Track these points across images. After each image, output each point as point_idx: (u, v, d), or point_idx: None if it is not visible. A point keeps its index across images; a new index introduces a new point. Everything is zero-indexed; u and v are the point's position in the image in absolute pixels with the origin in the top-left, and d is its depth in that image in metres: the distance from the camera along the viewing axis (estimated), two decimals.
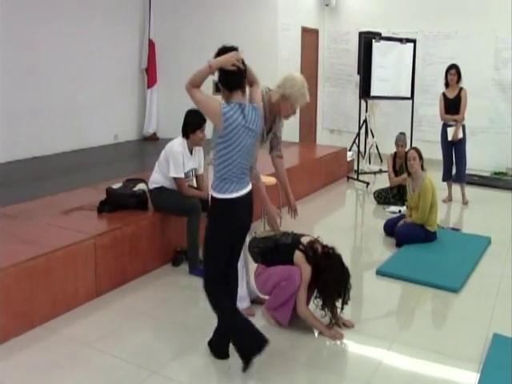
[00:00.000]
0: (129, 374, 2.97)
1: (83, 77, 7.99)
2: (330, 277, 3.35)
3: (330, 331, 3.43)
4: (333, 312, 3.50)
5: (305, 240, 3.54)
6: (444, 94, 6.75)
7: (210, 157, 3.68)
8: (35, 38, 7.23)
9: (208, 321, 3.39)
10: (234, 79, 2.78)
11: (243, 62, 2.80)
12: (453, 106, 6.65)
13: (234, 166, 2.81)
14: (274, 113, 3.54)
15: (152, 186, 4.51)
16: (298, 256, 3.46)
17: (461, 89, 6.66)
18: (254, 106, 2.90)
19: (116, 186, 4.62)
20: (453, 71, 6.60)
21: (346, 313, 3.62)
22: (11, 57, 6.88)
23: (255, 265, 3.69)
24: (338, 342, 3.36)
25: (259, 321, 3.59)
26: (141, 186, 4.61)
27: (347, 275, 3.43)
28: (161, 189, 4.46)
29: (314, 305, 3.50)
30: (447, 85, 6.72)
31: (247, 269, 3.84)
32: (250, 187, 2.96)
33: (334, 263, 3.41)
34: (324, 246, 3.50)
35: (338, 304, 3.44)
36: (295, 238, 3.56)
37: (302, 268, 3.41)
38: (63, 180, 6.05)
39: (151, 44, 9.13)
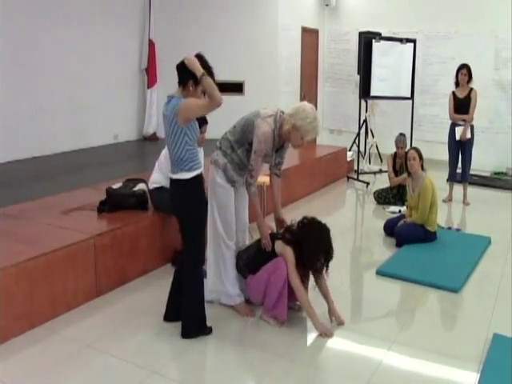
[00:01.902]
0: (129, 374, 2.97)
1: (83, 77, 7.99)
2: (311, 239, 3.40)
3: (321, 326, 3.41)
4: (317, 275, 3.52)
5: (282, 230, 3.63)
6: (454, 93, 6.71)
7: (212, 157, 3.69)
8: (35, 39, 7.22)
9: (208, 320, 3.39)
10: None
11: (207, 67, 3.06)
12: (462, 105, 6.61)
13: (167, 150, 3.25)
14: (283, 139, 3.55)
15: (152, 185, 4.51)
16: (278, 244, 3.52)
17: (471, 89, 6.63)
18: (178, 98, 3.08)
19: (116, 186, 4.62)
20: (464, 71, 6.56)
21: (346, 313, 3.62)
22: (11, 57, 6.88)
23: None
24: (339, 342, 3.36)
25: (259, 320, 3.60)
26: (141, 186, 4.61)
27: (326, 230, 3.47)
28: (161, 189, 4.44)
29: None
30: (457, 84, 6.68)
31: None
32: (172, 177, 3.22)
33: (309, 228, 3.46)
34: (299, 223, 3.54)
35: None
36: (274, 235, 3.63)
37: (284, 252, 3.44)
38: (63, 180, 6.04)
39: (151, 44, 9.13)
